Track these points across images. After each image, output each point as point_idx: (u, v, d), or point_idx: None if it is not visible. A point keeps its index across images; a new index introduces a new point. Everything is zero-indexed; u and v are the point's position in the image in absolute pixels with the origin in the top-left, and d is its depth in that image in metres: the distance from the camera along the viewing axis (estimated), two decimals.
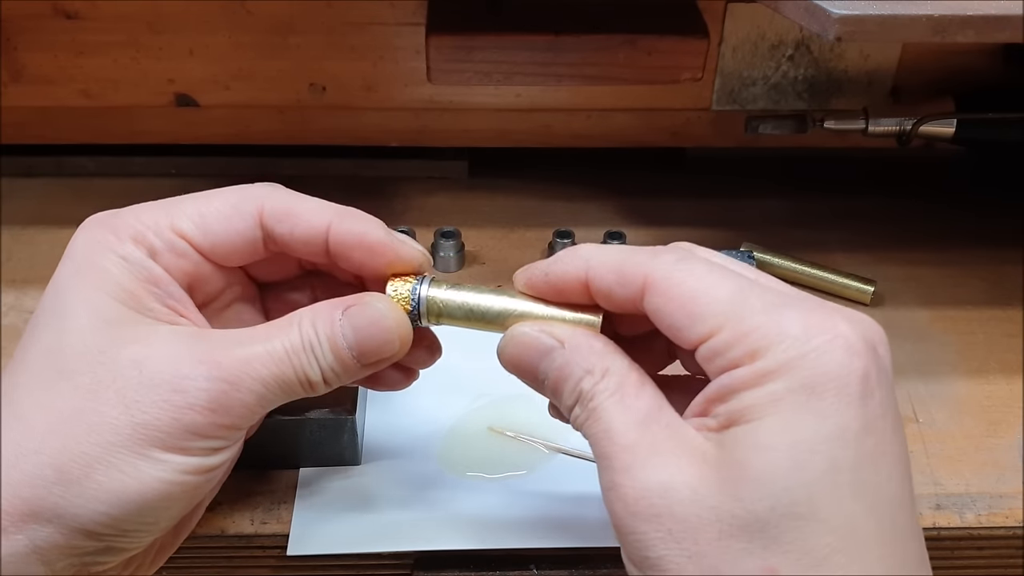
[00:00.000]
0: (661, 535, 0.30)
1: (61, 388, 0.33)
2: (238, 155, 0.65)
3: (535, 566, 0.42)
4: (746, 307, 0.31)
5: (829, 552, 0.28)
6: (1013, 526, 0.44)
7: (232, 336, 0.35)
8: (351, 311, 0.35)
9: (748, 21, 0.59)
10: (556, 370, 0.34)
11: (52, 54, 0.59)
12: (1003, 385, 0.51)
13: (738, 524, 0.29)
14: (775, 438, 0.29)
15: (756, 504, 0.29)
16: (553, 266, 0.35)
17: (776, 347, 0.30)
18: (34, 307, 0.55)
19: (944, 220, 0.63)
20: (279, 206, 0.37)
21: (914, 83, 0.62)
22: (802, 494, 0.29)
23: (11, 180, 0.65)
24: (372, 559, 0.42)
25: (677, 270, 0.33)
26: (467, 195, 0.65)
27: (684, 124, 0.64)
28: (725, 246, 0.57)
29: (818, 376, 0.29)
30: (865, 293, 0.56)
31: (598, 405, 0.32)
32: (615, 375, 0.33)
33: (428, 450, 0.46)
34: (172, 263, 0.36)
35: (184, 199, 0.37)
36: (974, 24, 0.40)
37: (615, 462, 0.31)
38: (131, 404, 0.33)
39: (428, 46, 0.51)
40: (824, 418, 0.29)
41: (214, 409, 0.33)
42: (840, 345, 0.30)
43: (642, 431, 0.31)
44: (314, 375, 0.35)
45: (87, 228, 0.36)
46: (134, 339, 0.34)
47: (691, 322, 0.31)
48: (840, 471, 0.29)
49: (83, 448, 0.32)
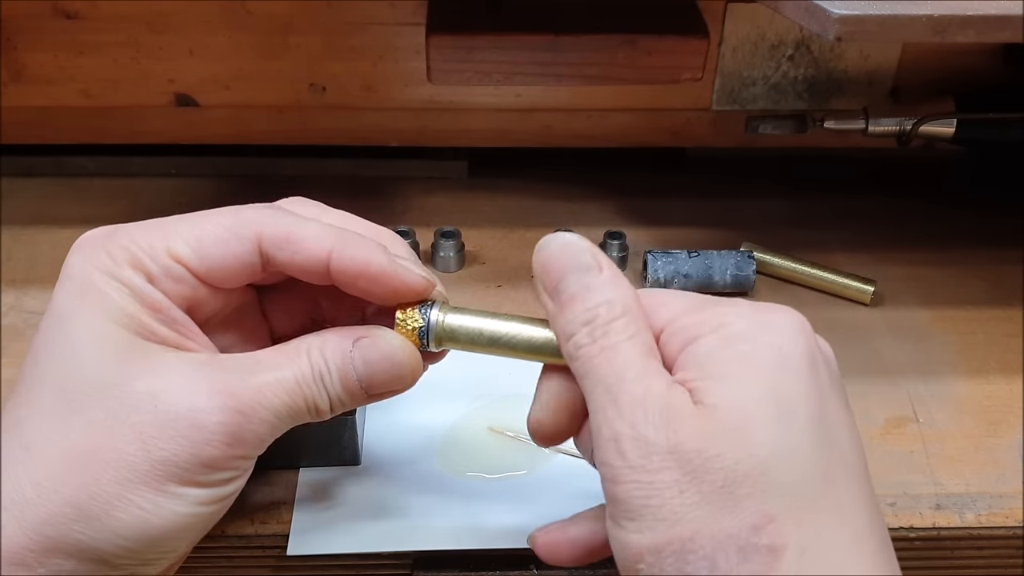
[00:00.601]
0: (668, 484, 0.30)
1: (75, 423, 0.33)
2: (238, 155, 0.65)
3: (535, 566, 0.42)
4: (703, 302, 0.34)
5: (815, 496, 0.30)
6: (1013, 526, 0.44)
7: (242, 363, 0.35)
8: (362, 344, 0.35)
9: (748, 21, 0.59)
10: (583, 285, 0.33)
11: (52, 54, 0.59)
12: (1003, 385, 0.51)
13: (741, 471, 0.30)
14: (762, 392, 0.31)
15: (757, 451, 0.30)
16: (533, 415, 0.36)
17: (736, 321, 0.32)
18: (34, 307, 0.55)
19: (944, 220, 0.63)
20: (279, 232, 0.36)
21: (914, 83, 0.62)
22: (793, 442, 0.31)
23: (11, 180, 0.65)
24: (372, 559, 0.42)
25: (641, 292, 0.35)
26: (467, 195, 0.65)
27: (684, 124, 0.64)
28: (725, 246, 0.58)
29: (783, 339, 0.32)
30: (865, 293, 0.56)
31: (616, 344, 0.32)
32: (634, 321, 0.33)
33: (428, 450, 0.46)
34: (170, 288, 0.35)
35: (178, 220, 0.36)
36: (974, 24, 0.40)
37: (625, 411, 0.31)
38: (148, 440, 0.32)
39: (428, 46, 0.51)
40: (798, 376, 0.32)
41: (229, 443, 0.33)
42: (790, 322, 0.33)
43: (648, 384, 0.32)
44: (323, 404, 0.35)
45: (83, 249, 0.36)
46: (145, 370, 0.33)
47: (651, 314, 0.34)
48: (816, 423, 0.31)
49: (102, 486, 0.32)
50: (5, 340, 0.52)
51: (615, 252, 0.58)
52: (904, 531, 0.44)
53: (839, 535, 0.31)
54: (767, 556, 0.29)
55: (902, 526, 0.44)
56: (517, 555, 0.42)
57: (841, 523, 0.31)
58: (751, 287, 0.56)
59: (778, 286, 0.58)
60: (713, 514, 0.30)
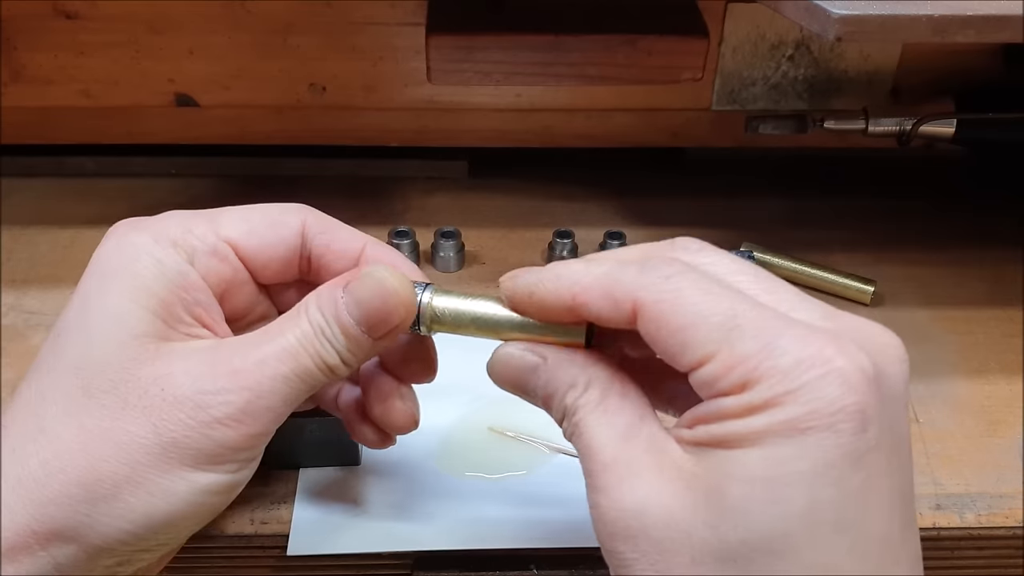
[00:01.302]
0: (636, 556, 0.29)
1: (88, 405, 0.33)
2: (238, 155, 0.65)
3: (535, 566, 0.42)
4: (737, 334, 0.29)
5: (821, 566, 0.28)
6: (1013, 526, 0.44)
7: (246, 340, 0.35)
8: (351, 286, 0.35)
9: (748, 21, 0.59)
10: (543, 386, 0.33)
11: (52, 54, 0.59)
12: (1003, 385, 0.51)
13: (710, 552, 0.28)
14: (755, 471, 0.28)
15: (730, 535, 0.28)
16: (538, 287, 0.33)
17: (764, 381, 0.28)
18: (34, 307, 0.55)
19: (944, 220, 0.63)
20: (319, 221, 0.38)
21: (914, 83, 0.62)
22: (778, 530, 0.28)
23: (11, 180, 0.65)
24: (372, 559, 0.42)
25: (667, 292, 0.30)
26: (467, 195, 0.65)
27: (684, 124, 0.64)
28: (725, 246, 0.57)
29: (805, 413, 0.28)
30: (865, 293, 0.56)
31: (580, 420, 0.32)
32: (597, 387, 0.32)
33: (428, 450, 0.46)
34: (211, 267, 0.36)
35: (222, 210, 0.38)
36: (974, 24, 0.40)
37: (595, 480, 0.31)
38: (158, 423, 0.33)
39: (428, 46, 0.51)
40: (805, 455, 0.28)
41: (241, 419, 0.33)
42: (833, 380, 0.28)
43: (622, 447, 0.31)
44: (331, 359, 0.35)
45: (120, 231, 0.36)
46: (156, 355, 0.34)
47: (682, 350, 0.30)
48: (820, 509, 0.28)
49: (111, 467, 0.32)
50: (5, 340, 0.52)
51: None
52: None
53: None
54: None
55: None
56: (517, 555, 0.42)
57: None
58: None
59: None
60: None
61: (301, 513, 0.43)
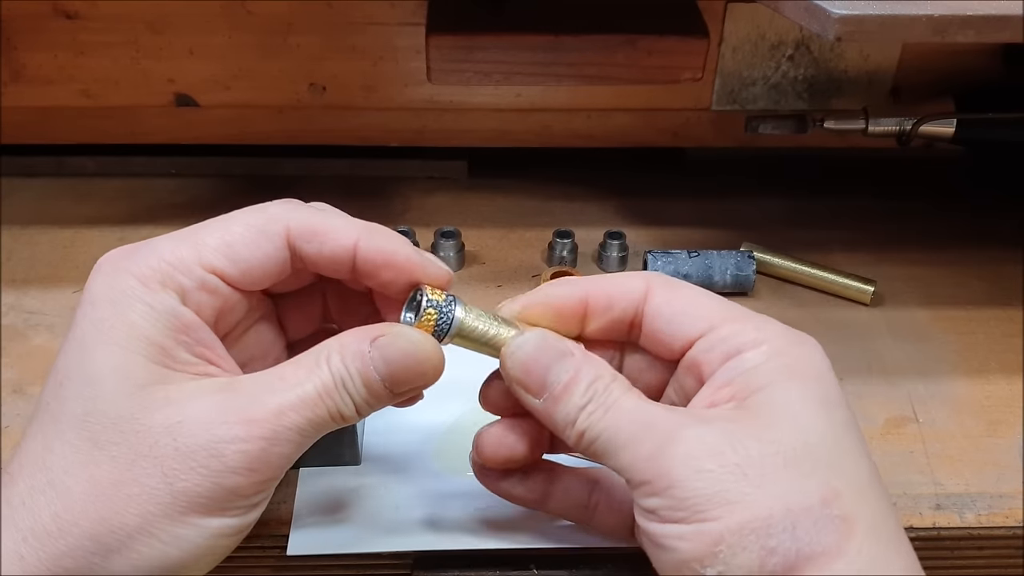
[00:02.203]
0: (728, 469, 0.32)
1: (97, 457, 0.32)
2: (238, 155, 0.65)
3: (535, 566, 0.42)
4: (736, 311, 0.36)
5: (869, 478, 0.33)
6: (1013, 526, 0.44)
7: (261, 384, 0.34)
8: (380, 343, 0.35)
9: (748, 21, 0.59)
10: (571, 371, 0.35)
11: (52, 54, 0.59)
12: (1003, 385, 0.51)
13: (799, 454, 0.32)
14: (807, 394, 0.34)
15: (810, 435, 0.33)
16: (553, 288, 0.38)
17: (773, 338, 0.35)
18: (34, 307, 0.55)
19: (944, 220, 0.63)
20: (305, 225, 0.36)
21: (914, 83, 0.62)
22: (840, 432, 0.34)
23: (11, 180, 0.65)
24: (372, 559, 0.42)
25: (672, 281, 0.38)
26: (467, 195, 0.65)
27: (684, 124, 0.64)
28: (725, 246, 0.58)
29: (812, 359, 0.35)
30: (865, 293, 0.56)
31: (618, 399, 0.34)
32: (623, 382, 0.35)
33: (428, 450, 0.46)
34: (203, 301, 0.35)
35: (204, 228, 0.36)
36: (974, 24, 0.40)
37: (661, 426, 0.33)
38: (169, 472, 0.32)
39: (428, 46, 0.51)
40: (828, 386, 0.35)
41: (254, 468, 0.33)
42: (812, 343, 0.36)
43: (670, 412, 0.34)
44: (348, 410, 0.35)
45: (106, 272, 0.35)
46: (165, 401, 0.33)
47: (691, 320, 0.36)
48: (849, 426, 0.34)
49: (124, 519, 0.32)
50: (5, 340, 0.52)
51: (615, 252, 0.59)
52: (904, 531, 0.44)
53: (891, 518, 0.33)
54: (842, 525, 0.31)
55: (902, 526, 0.44)
56: (517, 555, 0.42)
57: (890, 509, 0.33)
58: (751, 287, 0.56)
59: (778, 286, 0.58)
60: (784, 491, 0.32)
61: (301, 513, 0.43)
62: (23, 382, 0.50)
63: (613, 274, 0.40)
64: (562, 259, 0.59)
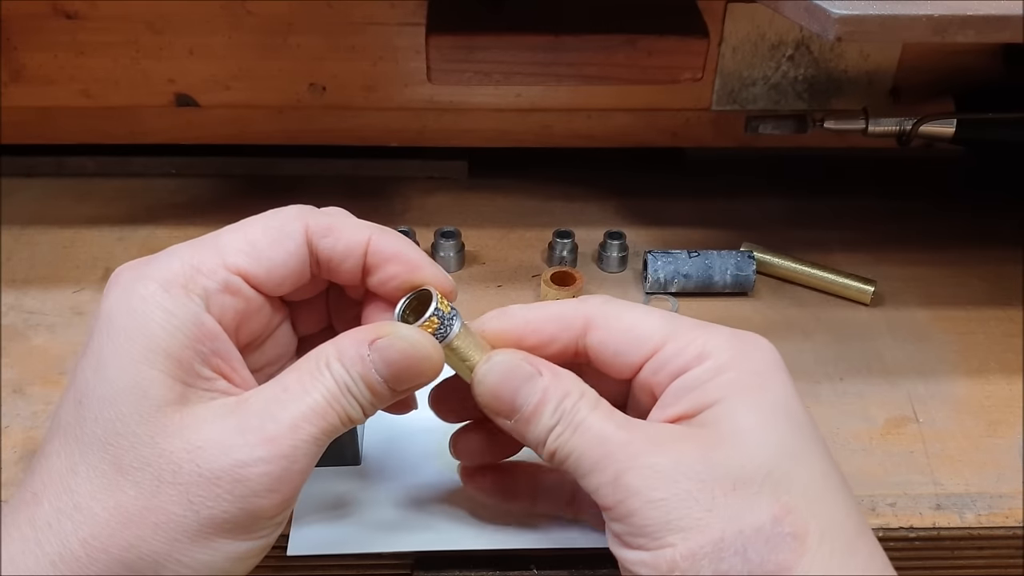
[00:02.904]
0: (681, 496, 0.32)
1: (122, 484, 0.32)
2: (238, 155, 0.65)
3: (535, 566, 0.42)
4: (679, 327, 0.36)
5: (824, 486, 0.34)
6: (1013, 526, 0.44)
7: (269, 398, 0.34)
8: (379, 345, 0.35)
9: (748, 21, 0.59)
10: (539, 393, 0.35)
11: (52, 54, 0.59)
12: (1003, 385, 0.51)
13: (747, 473, 0.33)
14: (753, 407, 0.34)
15: (753, 458, 0.33)
16: (487, 325, 0.38)
17: (717, 350, 0.35)
18: (34, 307, 0.55)
19: (944, 220, 0.63)
20: (321, 223, 0.37)
21: (914, 83, 0.62)
22: (790, 442, 0.34)
23: (11, 180, 0.65)
24: (372, 559, 0.42)
25: (611, 307, 0.37)
26: (467, 195, 0.65)
27: (684, 124, 0.64)
28: (725, 246, 0.58)
29: (758, 365, 0.35)
30: (865, 293, 0.56)
31: (584, 418, 0.35)
32: (590, 397, 0.35)
33: (428, 450, 0.46)
34: (226, 304, 0.35)
35: (223, 232, 0.36)
36: (974, 24, 0.40)
37: (619, 454, 0.34)
38: (195, 500, 0.32)
39: (428, 46, 0.51)
40: (777, 392, 0.35)
41: (276, 489, 0.33)
42: (760, 345, 0.36)
43: (630, 430, 0.34)
44: (356, 413, 0.35)
45: (125, 280, 0.35)
46: (181, 424, 0.33)
47: (635, 346, 0.36)
48: (802, 427, 0.35)
49: (151, 546, 0.32)
50: (5, 340, 0.52)
51: (615, 252, 0.59)
52: (904, 531, 0.44)
53: (847, 523, 0.33)
54: (793, 542, 0.32)
55: (902, 526, 0.44)
56: (517, 555, 0.42)
57: (847, 513, 0.33)
58: (751, 287, 0.56)
59: (778, 286, 0.58)
60: (734, 513, 0.32)
61: (301, 513, 0.43)
62: (23, 382, 0.50)
63: (551, 306, 0.38)
64: (562, 259, 0.59)
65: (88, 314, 0.54)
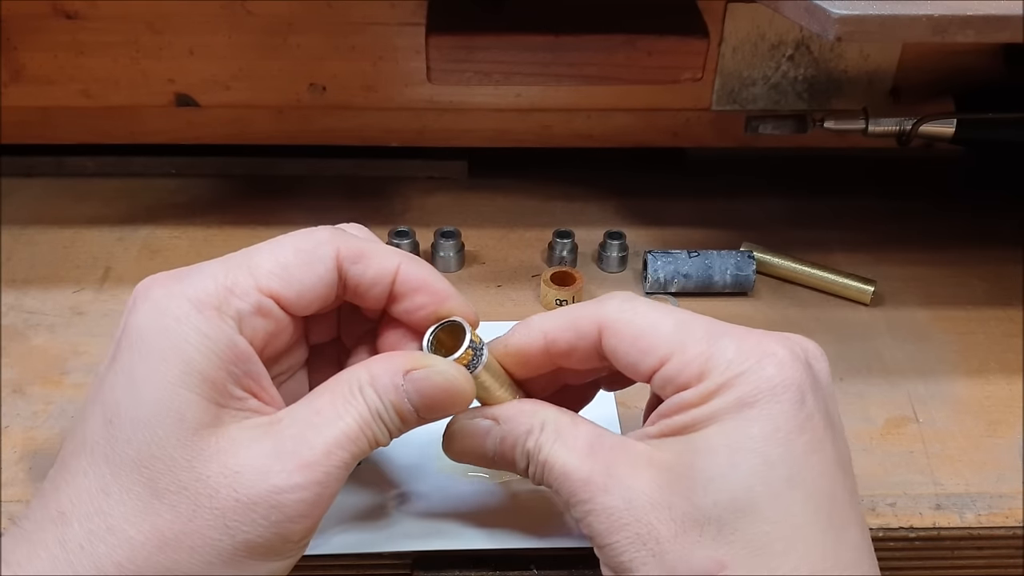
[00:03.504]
0: (631, 540, 0.33)
1: (158, 508, 0.32)
2: (238, 155, 0.65)
3: (535, 566, 0.42)
4: (688, 337, 0.35)
5: (768, 540, 0.31)
6: (1013, 526, 0.44)
7: (303, 420, 0.34)
8: (415, 376, 0.35)
9: (748, 21, 0.59)
10: (500, 442, 0.36)
11: (52, 54, 0.59)
12: (1003, 385, 0.51)
13: (690, 520, 0.32)
14: (715, 442, 0.33)
15: (703, 500, 0.32)
16: (511, 339, 0.38)
17: (715, 370, 0.33)
18: (34, 307, 0.55)
19: (944, 220, 0.63)
20: (352, 248, 0.37)
21: (914, 83, 0.62)
22: (741, 488, 0.32)
23: (11, 180, 0.65)
24: (372, 559, 0.42)
25: (624, 312, 0.36)
26: (467, 195, 0.65)
27: (684, 124, 0.64)
28: (725, 246, 0.58)
29: (750, 390, 0.33)
30: (865, 293, 0.56)
31: (547, 456, 0.35)
32: (550, 424, 0.36)
33: (428, 450, 0.46)
34: (257, 327, 0.35)
35: (255, 253, 0.36)
36: (974, 24, 0.40)
37: (580, 495, 0.34)
38: (232, 524, 0.32)
39: (428, 46, 0.51)
40: (755, 422, 0.33)
41: (308, 515, 0.33)
42: (771, 362, 0.33)
43: (593, 459, 0.34)
44: (383, 438, 0.35)
45: (156, 298, 0.34)
46: (217, 448, 0.33)
47: (643, 356, 0.35)
48: (773, 466, 0.32)
49: (186, 569, 0.32)
50: (5, 340, 0.52)
51: (615, 252, 0.59)
52: (904, 531, 0.44)
53: None
54: None
55: (902, 526, 0.44)
56: (517, 555, 0.42)
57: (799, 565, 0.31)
58: (751, 287, 0.56)
59: (778, 286, 0.58)
60: (676, 562, 0.32)
61: None
62: (23, 382, 0.50)
63: (568, 312, 0.37)
64: (562, 259, 0.59)
65: (88, 314, 0.54)
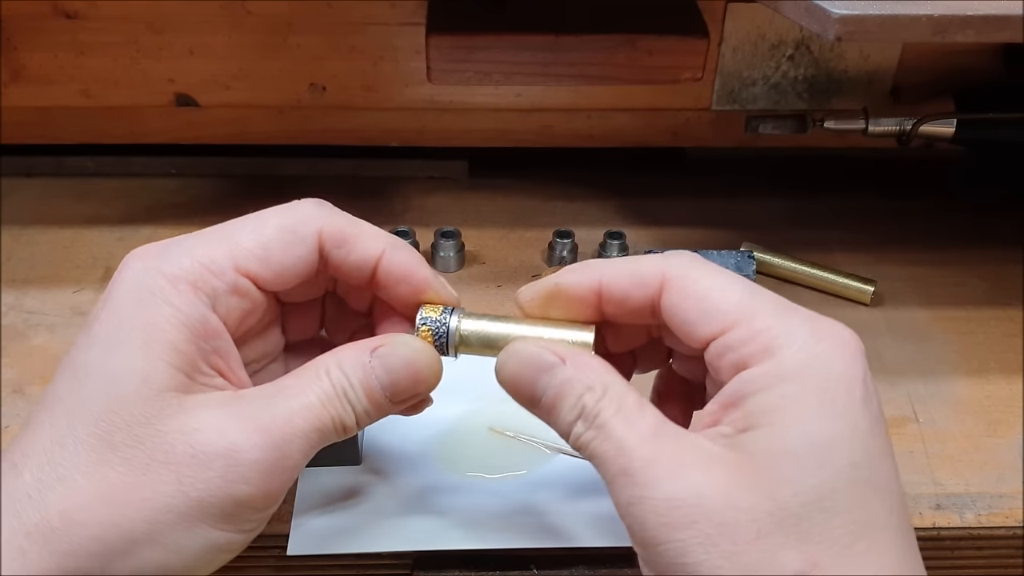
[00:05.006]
0: (699, 540, 0.30)
1: (111, 459, 0.32)
2: (238, 155, 0.65)
3: (535, 566, 0.42)
4: (757, 307, 0.33)
5: (853, 540, 0.30)
6: (1013, 526, 0.44)
7: (266, 394, 0.34)
8: (381, 352, 0.35)
9: (748, 21, 0.59)
10: (557, 386, 0.34)
11: (52, 54, 0.59)
12: (1003, 385, 0.51)
13: (774, 521, 0.30)
14: (798, 439, 0.31)
15: (790, 501, 0.30)
16: (564, 276, 0.36)
17: (788, 348, 0.31)
18: (34, 307, 0.55)
19: (944, 220, 0.63)
20: (336, 230, 0.36)
21: (914, 83, 0.62)
22: (828, 488, 0.30)
23: (11, 180, 0.65)
24: (372, 559, 0.42)
25: (693, 269, 0.34)
26: (467, 195, 0.65)
27: (684, 124, 0.64)
28: (725, 246, 0.57)
29: (829, 379, 0.31)
30: (865, 293, 0.56)
31: (606, 422, 0.32)
32: (615, 393, 0.33)
33: (428, 450, 0.46)
34: (231, 305, 0.35)
35: (237, 228, 0.36)
36: (974, 24, 0.40)
37: (637, 477, 0.31)
38: (185, 480, 0.32)
39: (428, 46, 0.51)
40: (839, 418, 0.31)
41: (265, 478, 0.33)
42: (846, 350, 0.32)
43: (657, 445, 0.32)
44: (349, 420, 0.35)
45: (135, 269, 0.34)
46: (179, 409, 0.33)
47: (705, 318, 0.33)
48: (857, 467, 0.31)
49: (132, 524, 0.32)
50: (5, 340, 0.52)
51: (615, 252, 0.59)
52: None
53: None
54: None
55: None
56: (517, 555, 0.42)
57: (881, 564, 0.31)
58: None
59: (778, 286, 0.58)
60: (755, 564, 0.29)
61: (301, 513, 0.43)
62: (23, 382, 0.50)
63: (630, 260, 0.35)
64: (562, 259, 0.59)
65: (88, 314, 0.54)
